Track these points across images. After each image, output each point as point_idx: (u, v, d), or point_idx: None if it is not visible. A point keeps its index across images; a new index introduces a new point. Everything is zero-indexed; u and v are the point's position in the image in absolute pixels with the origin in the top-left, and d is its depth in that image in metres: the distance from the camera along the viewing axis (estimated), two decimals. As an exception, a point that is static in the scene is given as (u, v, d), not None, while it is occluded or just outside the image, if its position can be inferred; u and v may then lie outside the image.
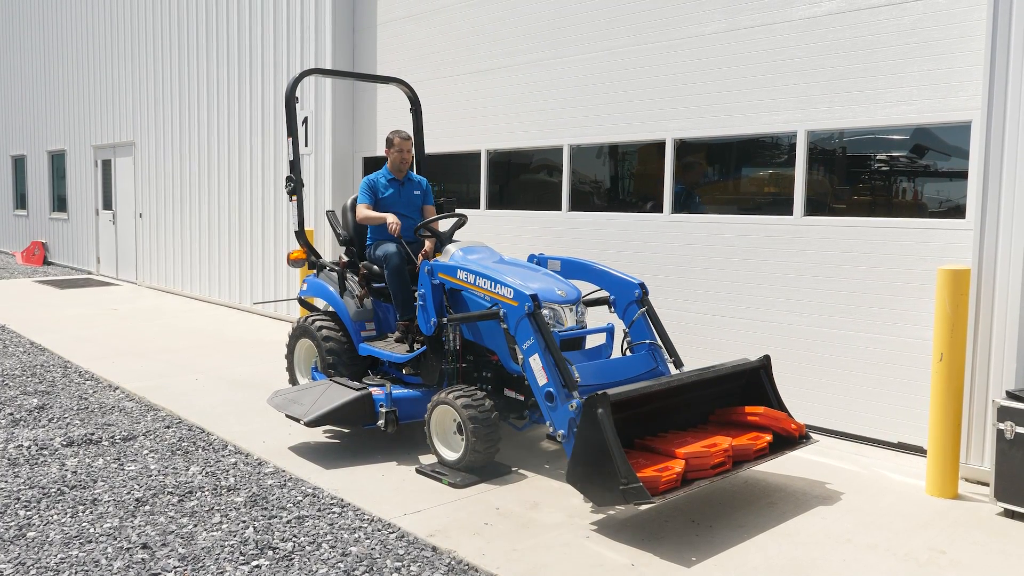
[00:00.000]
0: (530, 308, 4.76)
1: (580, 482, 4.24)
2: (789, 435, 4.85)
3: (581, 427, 4.19)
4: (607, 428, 4.07)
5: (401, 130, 6.41)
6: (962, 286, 4.77)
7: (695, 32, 6.62)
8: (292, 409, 5.45)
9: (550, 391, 4.60)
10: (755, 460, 4.58)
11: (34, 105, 19.12)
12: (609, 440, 4.05)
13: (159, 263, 14.18)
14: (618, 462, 4.00)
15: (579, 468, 4.22)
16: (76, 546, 4.04)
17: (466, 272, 5.23)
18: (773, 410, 4.90)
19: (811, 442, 4.91)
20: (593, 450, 4.13)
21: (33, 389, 7.12)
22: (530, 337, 4.74)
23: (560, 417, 4.56)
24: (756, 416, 4.86)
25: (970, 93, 5.22)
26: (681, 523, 4.41)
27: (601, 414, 4.10)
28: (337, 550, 4.03)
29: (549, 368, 4.63)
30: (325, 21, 10.07)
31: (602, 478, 4.09)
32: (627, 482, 3.95)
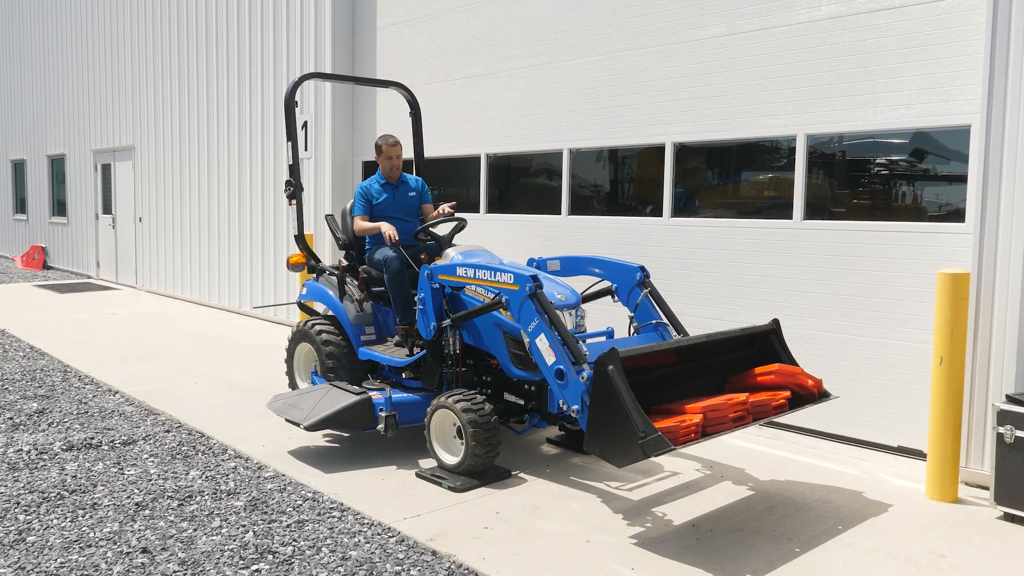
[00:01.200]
0: (531, 289, 4.75)
1: (599, 447, 4.13)
2: (807, 392, 4.71)
3: (594, 390, 4.10)
4: (619, 383, 3.98)
5: (388, 135, 6.38)
6: (962, 290, 4.77)
7: (694, 36, 6.63)
8: (292, 413, 5.45)
9: (560, 368, 4.56)
10: (775, 414, 4.46)
11: (34, 109, 19.13)
12: (622, 394, 3.96)
13: (159, 267, 14.18)
14: (634, 415, 3.91)
15: (596, 433, 4.13)
16: (76, 550, 4.03)
17: (465, 268, 5.22)
18: (787, 365, 4.77)
19: (831, 398, 4.76)
20: (608, 409, 4.03)
21: (33, 393, 7.12)
22: (534, 318, 4.72)
23: (572, 392, 4.50)
24: (770, 375, 4.71)
25: (969, 97, 5.22)
26: (682, 527, 4.40)
27: (612, 370, 4.02)
28: (337, 554, 4.02)
29: (556, 345, 4.60)
30: (324, 25, 10.09)
31: (620, 436, 3.98)
32: (645, 434, 3.85)
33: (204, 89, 12.51)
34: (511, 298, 4.89)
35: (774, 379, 4.72)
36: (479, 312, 5.06)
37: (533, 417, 5.37)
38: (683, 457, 5.59)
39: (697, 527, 4.41)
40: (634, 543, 4.20)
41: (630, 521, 4.48)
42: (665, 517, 4.54)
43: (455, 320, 5.23)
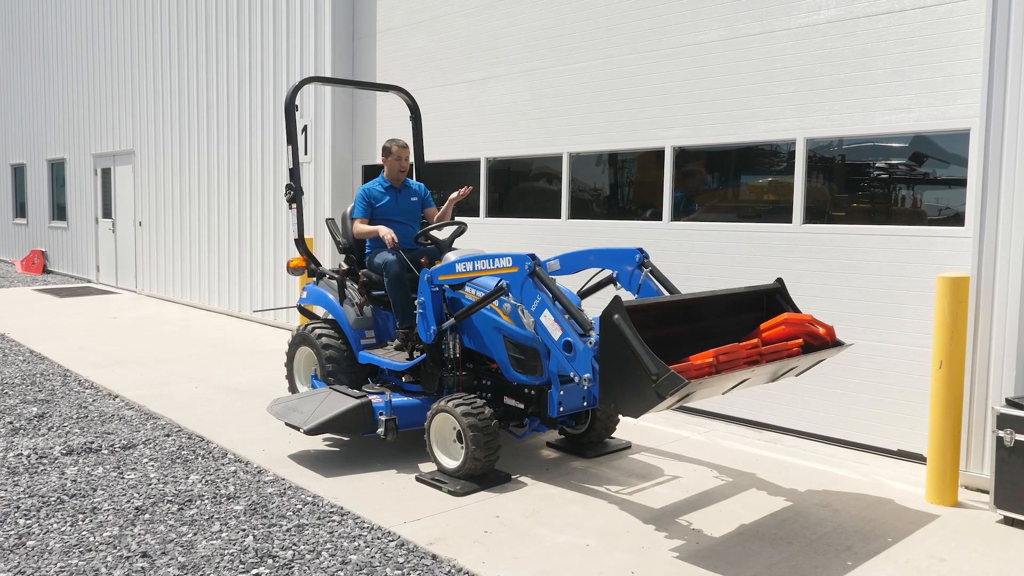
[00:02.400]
0: (530, 267, 4.74)
1: (613, 401, 4.05)
2: (820, 340, 4.59)
3: (602, 343, 4.03)
4: (626, 329, 3.92)
5: (398, 138, 6.42)
6: (961, 293, 4.78)
7: (694, 40, 6.65)
8: (292, 417, 5.45)
9: (567, 340, 4.52)
10: (788, 357, 4.36)
11: (34, 114, 19.15)
12: (631, 340, 3.89)
13: (159, 271, 14.18)
14: (645, 358, 3.83)
15: (609, 389, 4.05)
16: (76, 555, 4.03)
17: (464, 263, 5.20)
18: (795, 315, 4.63)
19: (845, 346, 4.64)
20: (618, 360, 3.96)
21: (33, 398, 7.12)
22: (536, 296, 4.70)
23: (582, 360, 4.45)
24: (780, 327, 4.57)
25: (969, 101, 5.23)
26: (681, 531, 4.40)
27: (618, 318, 3.96)
28: (337, 558, 4.02)
29: (561, 319, 4.58)
30: (325, 29, 10.10)
31: (633, 383, 3.90)
32: (659, 374, 3.76)
33: (204, 93, 12.52)
34: (512, 281, 4.86)
35: (784, 330, 4.56)
36: (482, 303, 5.04)
37: (533, 421, 5.37)
38: (683, 460, 5.59)
39: (697, 530, 4.41)
40: (634, 547, 4.20)
41: (630, 525, 4.48)
42: (665, 520, 4.54)
43: (458, 317, 5.22)
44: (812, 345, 4.59)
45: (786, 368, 4.42)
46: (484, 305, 5.09)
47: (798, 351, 4.46)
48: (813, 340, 4.59)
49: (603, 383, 4.11)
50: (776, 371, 4.39)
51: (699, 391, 3.98)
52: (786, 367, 4.39)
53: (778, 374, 4.47)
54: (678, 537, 4.32)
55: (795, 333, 4.56)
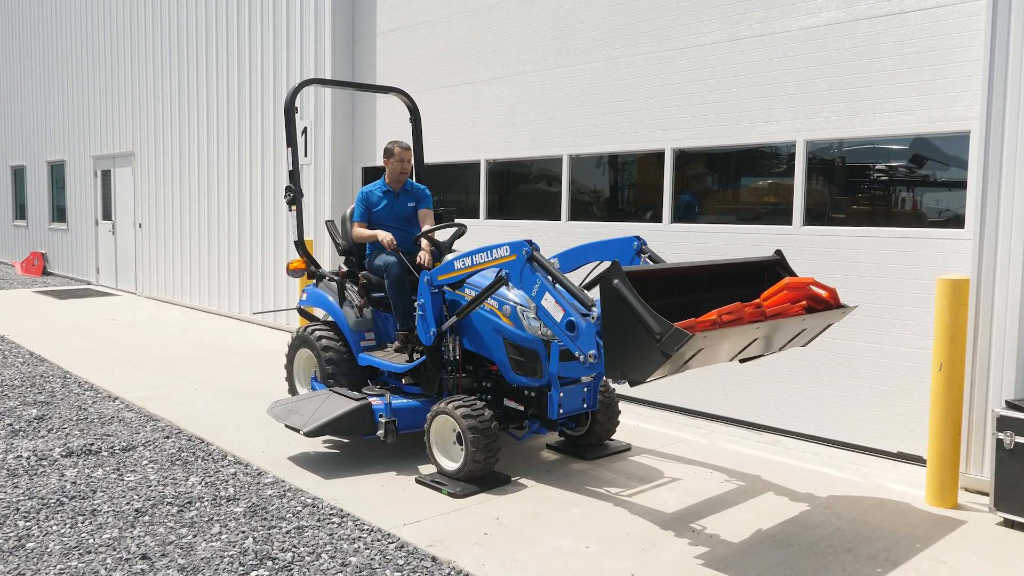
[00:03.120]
0: (528, 252, 4.73)
1: (620, 367, 3.98)
2: (824, 304, 4.51)
3: (604, 311, 3.99)
4: (627, 292, 3.88)
5: (400, 140, 6.42)
6: (961, 296, 4.78)
7: (694, 42, 6.65)
8: (291, 419, 5.44)
9: (570, 320, 4.51)
10: (793, 315, 4.28)
11: (34, 116, 19.15)
12: (632, 302, 3.84)
13: (158, 273, 14.18)
14: (647, 318, 3.77)
15: (614, 356, 4.00)
16: (75, 557, 4.03)
17: (462, 259, 5.19)
18: (796, 278, 4.53)
19: (850, 309, 4.57)
20: (621, 325, 3.91)
21: (32, 399, 7.11)
22: (536, 280, 4.70)
23: (586, 337, 4.43)
24: (781, 292, 4.46)
25: (969, 103, 5.23)
26: (682, 533, 4.40)
27: (618, 283, 3.93)
28: (337, 560, 4.02)
29: (562, 301, 4.57)
30: (324, 31, 10.11)
31: (638, 346, 3.85)
32: (662, 332, 3.69)
33: (204, 95, 12.52)
34: (511, 270, 4.84)
35: (787, 295, 4.45)
36: (483, 295, 5.02)
37: (533, 423, 5.37)
38: (683, 462, 5.59)
39: (697, 533, 4.41)
40: (633, 548, 4.19)
41: (630, 527, 4.48)
42: (665, 523, 4.54)
43: (459, 314, 5.21)
44: (816, 308, 4.50)
45: (793, 331, 4.33)
46: (486, 297, 5.07)
47: (801, 311, 4.35)
48: (817, 304, 4.50)
49: (608, 352, 4.04)
50: (783, 335, 4.30)
51: (704, 350, 3.91)
52: (793, 329, 4.32)
53: (786, 340, 4.38)
54: (678, 539, 4.32)
55: (798, 297, 4.44)
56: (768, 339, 4.29)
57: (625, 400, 7.07)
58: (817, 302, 4.47)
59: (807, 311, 4.39)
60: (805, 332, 4.48)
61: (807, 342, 4.68)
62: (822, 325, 4.52)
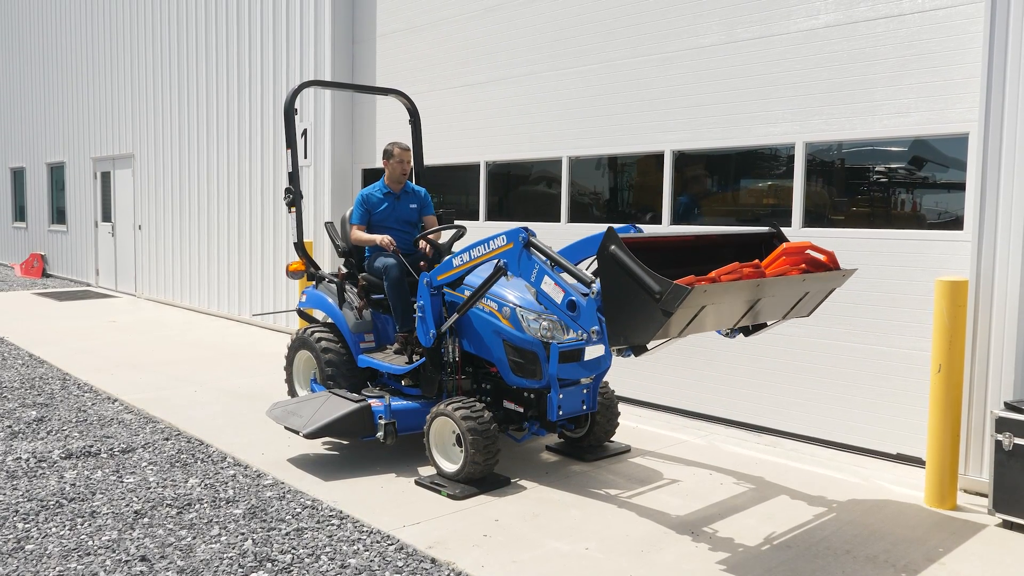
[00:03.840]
0: (524, 239, 4.73)
1: (622, 334, 3.95)
2: (823, 265, 4.47)
3: (603, 280, 3.97)
4: (624, 256, 3.85)
5: (400, 141, 6.42)
6: (960, 297, 4.78)
7: (693, 44, 6.65)
8: (291, 421, 5.45)
9: (571, 300, 4.49)
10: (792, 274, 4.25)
11: (33, 117, 19.16)
12: (630, 265, 3.81)
13: (158, 275, 14.18)
14: (646, 278, 3.74)
15: (616, 324, 3.96)
16: (75, 559, 4.03)
17: (460, 255, 5.19)
18: (794, 243, 4.48)
19: (850, 272, 4.54)
20: (620, 289, 3.88)
21: (32, 401, 7.11)
22: (534, 265, 4.69)
23: (587, 313, 4.41)
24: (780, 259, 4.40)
25: (968, 105, 5.24)
26: (681, 535, 4.40)
27: (614, 248, 3.91)
28: (336, 562, 4.02)
29: (561, 282, 4.56)
30: (324, 33, 10.11)
31: (639, 309, 3.81)
32: (662, 291, 3.66)
33: (204, 96, 12.53)
34: (509, 259, 4.84)
35: (785, 260, 4.41)
36: (485, 287, 5.01)
37: (532, 425, 5.37)
38: (683, 463, 5.59)
39: (696, 534, 4.41)
40: (633, 550, 4.20)
41: (629, 528, 4.48)
42: (664, 524, 4.54)
43: (460, 310, 5.21)
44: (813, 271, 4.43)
45: (795, 294, 4.29)
46: (487, 289, 5.05)
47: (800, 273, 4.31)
48: (816, 268, 4.46)
49: (610, 321, 4.02)
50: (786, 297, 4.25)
51: (707, 308, 3.87)
52: (795, 291, 4.28)
53: (790, 305, 4.33)
54: (677, 541, 4.32)
55: (797, 262, 4.41)
56: (770, 302, 4.24)
57: (625, 402, 7.07)
58: (816, 265, 4.43)
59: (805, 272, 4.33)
60: (808, 296, 4.42)
61: (811, 310, 4.63)
62: (824, 289, 4.48)
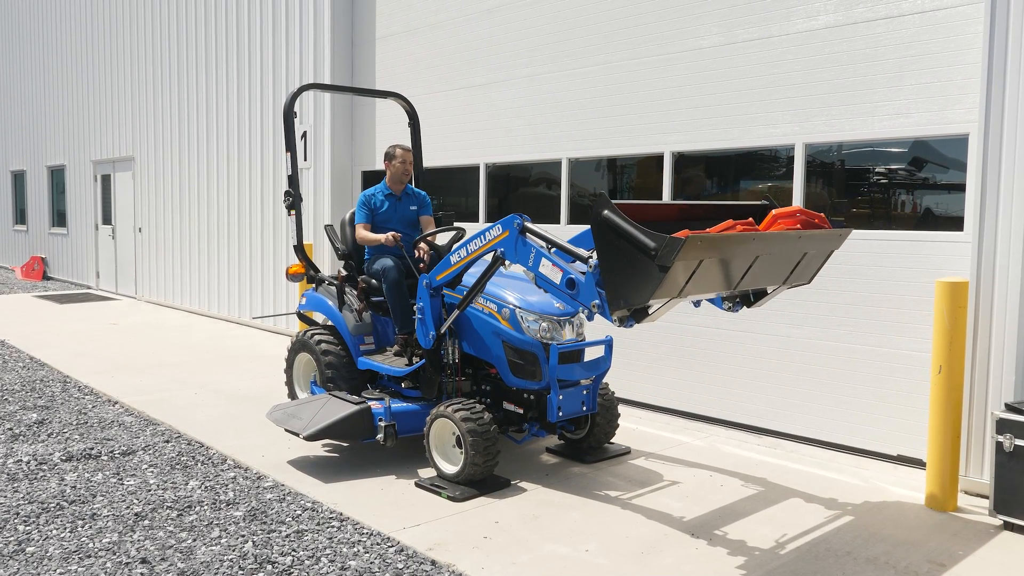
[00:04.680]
0: (519, 225, 4.72)
1: (621, 296, 3.93)
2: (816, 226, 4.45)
3: (598, 245, 3.94)
4: (616, 216, 3.82)
5: (401, 143, 6.44)
6: (960, 298, 4.78)
7: (693, 46, 6.66)
8: (291, 423, 5.44)
9: (569, 278, 4.46)
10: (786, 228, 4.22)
11: (34, 120, 19.17)
12: (622, 224, 3.78)
13: (158, 277, 14.18)
14: (640, 236, 3.71)
15: (614, 287, 3.94)
16: (75, 561, 4.03)
17: (457, 252, 5.17)
18: (783, 208, 4.45)
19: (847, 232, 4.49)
20: (616, 251, 3.85)
21: (32, 404, 7.11)
22: (531, 250, 4.67)
23: (587, 289, 4.37)
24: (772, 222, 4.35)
25: (968, 106, 5.24)
26: (682, 537, 4.40)
27: (607, 212, 3.87)
28: (336, 564, 4.02)
29: (558, 262, 4.54)
30: (324, 36, 10.12)
31: (636, 269, 3.79)
32: (658, 246, 3.64)
33: (203, 99, 12.54)
34: (506, 247, 4.81)
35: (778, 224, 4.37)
36: (484, 278, 5.00)
37: (532, 426, 5.37)
38: (683, 465, 5.59)
39: (696, 536, 4.40)
40: (633, 552, 4.19)
41: (629, 530, 4.48)
42: (664, 526, 4.53)
43: (460, 306, 5.20)
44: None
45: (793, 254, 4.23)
46: (487, 280, 5.03)
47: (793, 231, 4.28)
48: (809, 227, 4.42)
49: (608, 286, 4.00)
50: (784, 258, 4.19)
51: (704, 263, 3.84)
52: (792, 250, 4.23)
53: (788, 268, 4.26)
54: (677, 543, 4.32)
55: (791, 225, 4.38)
56: (769, 262, 4.18)
57: (625, 403, 7.06)
58: (810, 226, 4.39)
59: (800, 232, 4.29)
60: (807, 259, 4.37)
61: (811, 276, 4.59)
62: (823, 251, 4.43)
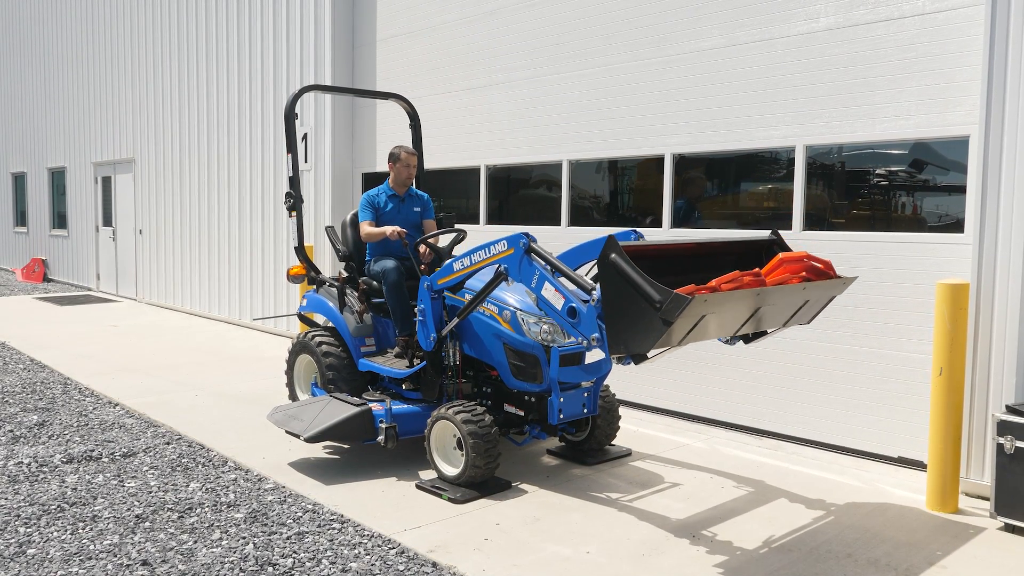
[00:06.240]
0: (525, 245, 4.72)
1: (622, 343, 3.96)
2: (822, 274, 4.45)
3: (603, 287, 3.96)
4: (624, 263, 3.85)
5: (406, 145, 6.45)
6: (961, 300, 4.78)
7: (693, 48, 6.66)
8: (292, 425, 5.44)
9: (571, 306, 4.47)
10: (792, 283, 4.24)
11: (34, 122, 19.18)
12: (630, 272, 3.81)
13: (159, 279, 14.19)
14: (646, 287, 3.73)
15: (616, 332, 3.97)
16: (76, 563, 4.03)
17: (460, 260, 5.19)
18: (791, 252, 4.47)
19: (849, 280, 4.51)
20: (620, 297, 3.88)
21: (33, 406, 7.11)
22: (535, 272, 4.67)
23: (588, 320, 4.39)
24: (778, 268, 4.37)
25: (968, 108, 5.24)
26: (682, 539, 4.40)
27: (615, 256, 3.91)
28: (337, 566, 4.02)
29: (562, 288, 4.55)
30: (325, 38, 10.13)
31: (639, 317, 3.81)
32: (662, 300, 3.66)
33: (204, 101, 12.54)
34: (509, 264, 4.82)
35: (784, 269, 4.39)
36: (485, 292, 5.01)
37: (533, 428, 5.37)
38: (684, 467, 5.59)
39: (697, 538, 4.40)
40: (634, 554, 4.19)
41: (630, 532, 4.48)
42: (665, 528, 4.53)
43: (460, 315, 5.21)
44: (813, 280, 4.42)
45: (795, 302, 4.28)
46: (487, 294, 5.05)
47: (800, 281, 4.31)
48: (815, 276, 4.44)
49: (610, 329, 4.02)
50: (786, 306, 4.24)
51: (707, 318, 3.87)
52: (795, 299, 4.27)
53: (789, 313, 4.32)
54: (679, 545, 4.32)
55: (796, 270, 4.39)
56: (771, 310, 4.22)
57: (626, 405, 7.07)
58: (816, 274, 4.41)
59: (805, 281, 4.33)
60: (808, 304, 4.41)
61: (811, 318, 4.63)
62: (824, 297, 4.47)
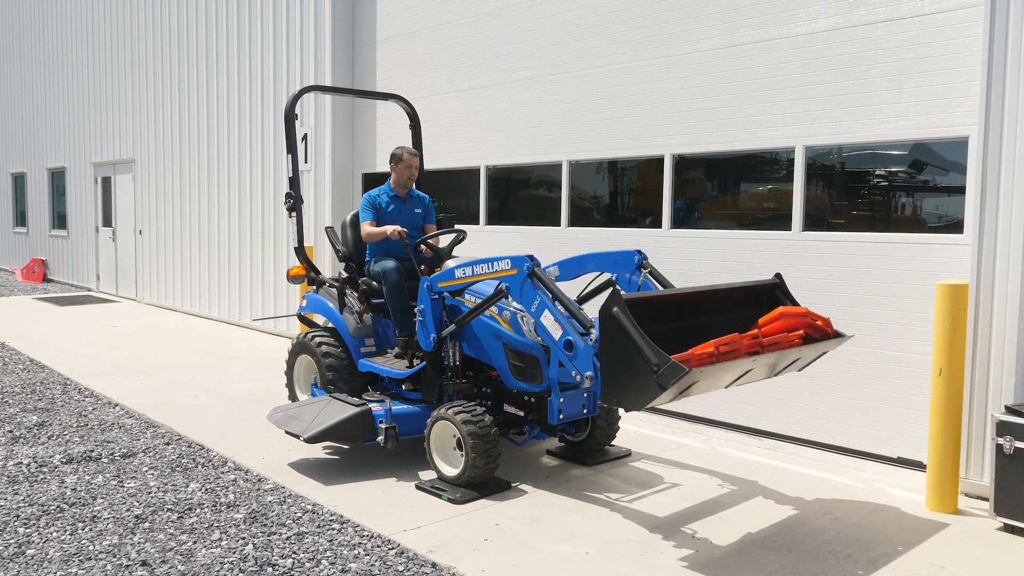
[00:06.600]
0: (529, 268, 4.75)
1: (615, 396, 4.02)
2: (820, 332, 4.55)
3: (602, 337, 4.01)
4: (626, 321, 3.90)
5: (407, 146, 6.46)
6: (961, 301, 4.78)
7: (693, 48, 6.66)
8: (291, 425, 5.44)
9: (568, 339, 4.53)
10: (790, 347, 4.31)
11: (34, 123, 19.18)
12: (631, 331, 3.87)
13: (159, 280, 14.19)
14: (645, 348, 3.80)
15: (610, 383, 4.03)
16: (75, 563, 4.03)
17: (463, 268, 5.20)
18: (791, 307, 4.58)
19: (846, 337, 4.59)
20: (619, 351, 3.93)
21: (33, 406, 7.12)
22: (536, 297, 4.71)
23: (583, 359, 4.44)
24: (777, 320, 4.49)
25: (967, 109, 5.24)
26: (682, 539, 4.40)
27: (617, 311, 3.95)
28: (337, 566, 4.02)
29: (561, 319, 4.58)
30: (325, 38, 10.13)
31: (634, 375, 3.88)
32: (660, 364, 3.74)
33: (204, 101, 12.55)
34: (511, 283, 4.86)
35: (783, 323, 4.51)
36: (482, 306, 5.03)
37: (533, 428, 5.37)
38: (684, 467, 5.59)
39: (697, 539, 4.40)
40: (634, 554, 4.19)
41: (630, 533, 4.48)
42: (665, 529, 4.54)
43: (458, 323, 5.22)
44: (812, 337, 4.55)
45: (789, 360, 4.38)
46: (485, 308, 5.08)
47: (799, 342, 4.41)
48: (814, 332, 4.55)
49: (605, 377, 4.08)
50: (778, 363, 4.34)
51: (701, 381, 3.95)
52: (789, 359, 4.35)
53: (780, 367, 4.42)
54: (678, 545, 4.32)
55: (794, 326, 4.51)
56: (764, 368, 4.32)
57: (625, 406, 7.06)
58: (814, 330, 4.52)
59: (804, 340, 4.45)
60: (800, 360, 4.51)
61: (802, 368, 4.72)
62: (818, 353, 4.56)
